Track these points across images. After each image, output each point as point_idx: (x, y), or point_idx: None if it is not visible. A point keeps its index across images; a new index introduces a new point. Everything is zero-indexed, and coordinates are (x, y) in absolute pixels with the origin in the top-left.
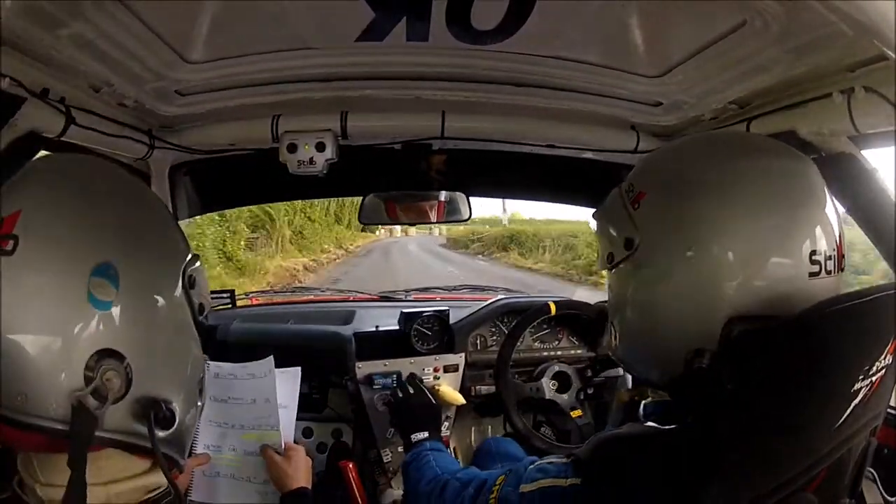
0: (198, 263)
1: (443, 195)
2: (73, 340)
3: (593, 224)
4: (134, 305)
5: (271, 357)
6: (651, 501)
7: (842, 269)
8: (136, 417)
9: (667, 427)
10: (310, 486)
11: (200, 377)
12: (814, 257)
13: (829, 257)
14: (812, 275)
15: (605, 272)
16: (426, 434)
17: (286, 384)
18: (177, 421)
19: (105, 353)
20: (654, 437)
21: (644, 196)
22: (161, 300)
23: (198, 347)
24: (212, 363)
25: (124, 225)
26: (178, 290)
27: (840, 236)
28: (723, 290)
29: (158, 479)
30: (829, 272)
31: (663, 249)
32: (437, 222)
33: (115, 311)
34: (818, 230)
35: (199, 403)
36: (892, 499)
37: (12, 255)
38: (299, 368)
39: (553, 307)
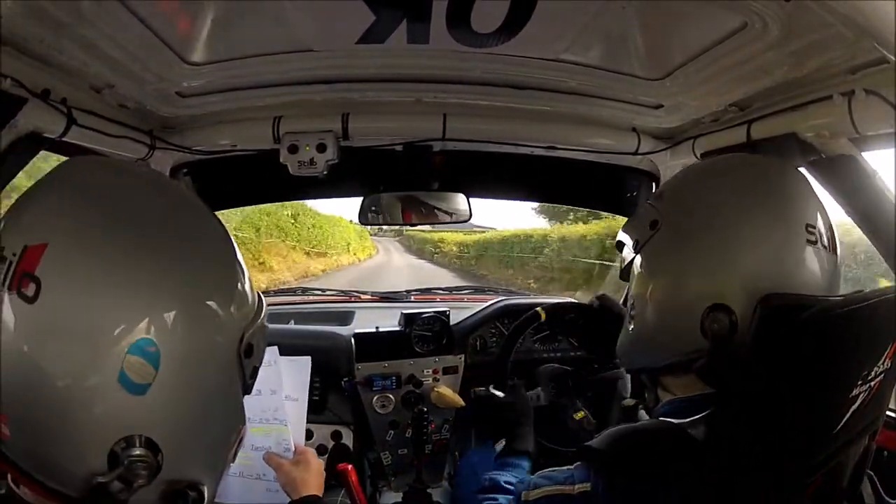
0: (260, 322)
1: (443, 196)
2: (97, 422)
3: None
4: (174, 388)
5: (275, 347)
6: (669, 496)
7: (835, 252)
8: (164, 500)
9: (681, 421)
10: (321, 492)
11: (241, 434)
12: (809, 228)
13: (822, 234)
14: (809, 242)
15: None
16: (503, 443)
17: (296, 374)
18: (206, 500)
19: (136, 441)
20: (671, 431)
21: (665, 192)
22: (208, 380)
23: (241, 413)
24: None
25: (177, 281)
26: (231, 364)
27: (830, 224)
28: (732, 253)
29: None
30: (825, 246)
31: (682, 225)
32: (437, 223)
33: (152, 394)
34: (807, 212)
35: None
36: (893, 501)
37: (33, 304)
38: (309, 358)
39: (543, 313)
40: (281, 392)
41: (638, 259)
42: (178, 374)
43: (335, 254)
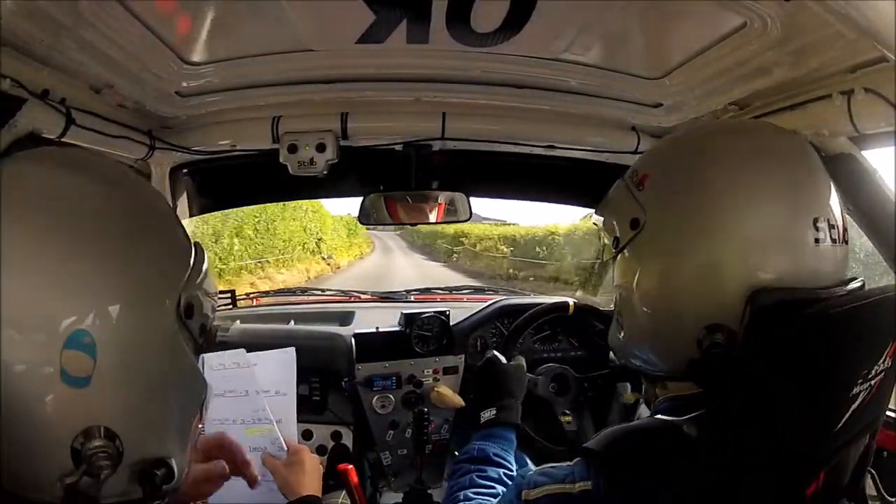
0: (203, 272)
1: (443, 196)
2: (53, 424)
3: (597, 219)
4: (117, 372)
5: (242, 350)
6: (668, 493)
7: (845, 242)
8: (134, 482)
9: (679, 419)
10: (319, 491)
11: (203, 400)
12: (818, 225)
13: (833, 226)
14: (818, 241)
15: None
16: (493, 412)
17: (281, 367)
18: (177, 474)
19: (92, 433)
20: (668, 429)
21: (647, 178)
22: (152, 354)
23: (197, 378)
24: (202, 356)
25: (99, 269)
26: (173, 330)
27: (841, 211)
28: (731, 260)
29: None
30: (834, 241)
31: (669, 225)
32: (437, 223)
33: (96, 383)
34: (817, 201)
35: (201, 426)
36: (893, 499)
37: None
38: (294, 349)
39: (572, 306)
40: (262, 392)
41: (619, 259)
42: (118, 356)
43: (284, 262)
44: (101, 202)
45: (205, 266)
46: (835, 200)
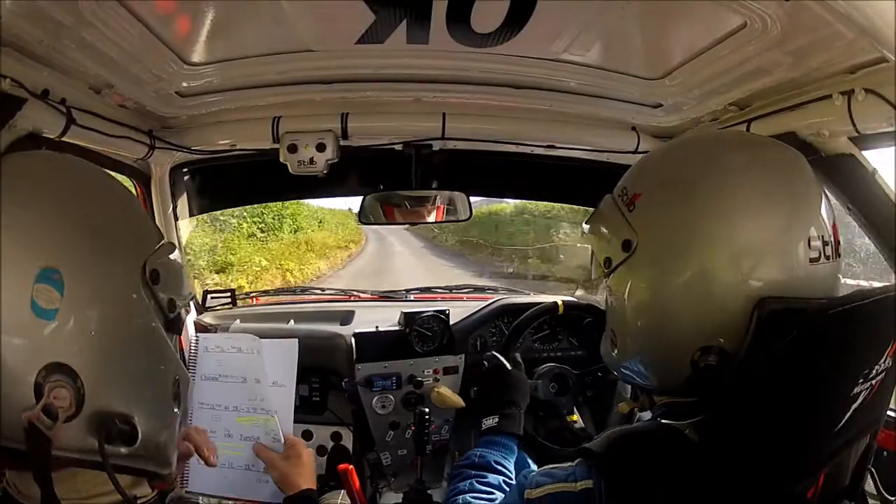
0: (171, 255)
1: (442, 195)
2: (18, 355)
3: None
4: (83, 312)
5: (250, 335)
6: (670, 496)
7: (839, 255)
8: (92, 434)
9: (681, 423)
10: (314, 484)
11: (175, 380)
12: (812, 244)
13: (827, 243)
14: (812, 260)
15: None
16: (495, 420)
17: (282, 358)
18: (140, 436)
19: (54, 368)
20: (669, 432)
21: (639, 197)
22: (116, 304)
23: (168, 349)
24: (200, 335)
25: (72, 224)
26: (138, 290)
27: (834, 224)
28: (727, 279)
29: (143, 490)
30: (827, 257)
31: (663, 247)
32: (436, 223)
33: (62, 319)
34: (813, 218)
35: (176, 410)
36: (893, 499)
37: None
38: (296, 340)
39: (561, 306)
40: (267, 380)
41: (611, 277)
42: (84, 297)
43: None
44: (88, 188)
45: (174, 253)
46: (829, 215)
